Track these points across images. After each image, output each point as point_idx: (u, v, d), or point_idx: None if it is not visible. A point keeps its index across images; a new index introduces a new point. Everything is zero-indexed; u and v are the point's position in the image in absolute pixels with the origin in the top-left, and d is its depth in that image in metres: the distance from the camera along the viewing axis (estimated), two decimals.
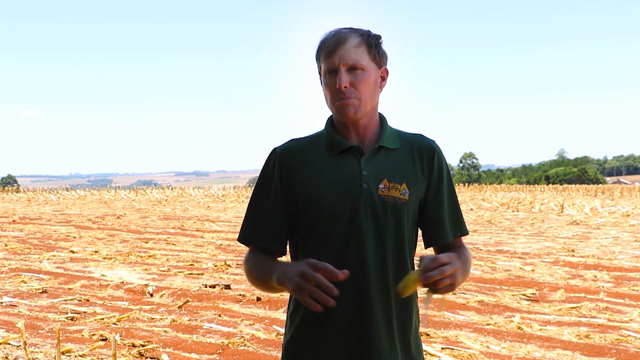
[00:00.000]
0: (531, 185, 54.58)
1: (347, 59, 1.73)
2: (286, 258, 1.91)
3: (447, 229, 1.88)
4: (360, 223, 1.75)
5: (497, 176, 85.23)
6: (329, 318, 1.75)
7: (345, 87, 1.73)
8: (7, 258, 10.26)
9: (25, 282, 8.14)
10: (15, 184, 64.95)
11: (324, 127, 1.87)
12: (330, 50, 1.75)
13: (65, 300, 7.09)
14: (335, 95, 1.75)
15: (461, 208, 1.96)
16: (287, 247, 1.88)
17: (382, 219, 1.76)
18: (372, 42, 1.77)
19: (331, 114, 1.87)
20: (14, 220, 17.55)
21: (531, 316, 6.33)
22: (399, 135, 1.86)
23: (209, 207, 24.63)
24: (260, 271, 1.79)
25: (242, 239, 1.89)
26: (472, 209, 21.99)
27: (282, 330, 5.69)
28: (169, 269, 9.15)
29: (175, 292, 7.41)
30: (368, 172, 1.78)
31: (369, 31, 1.79)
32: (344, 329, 1.75)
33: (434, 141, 1.88)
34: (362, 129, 1.81)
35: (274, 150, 1.85)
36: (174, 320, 6.14)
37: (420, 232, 1.92)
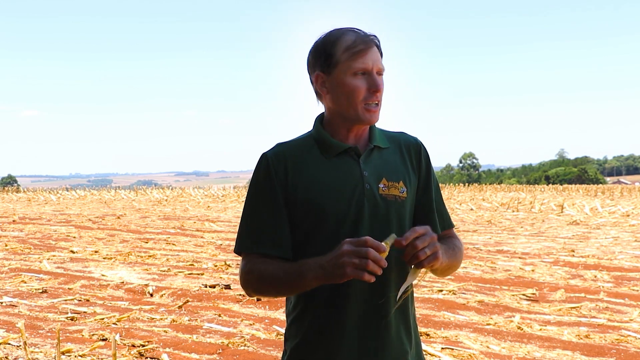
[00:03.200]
0: (531, 185, 54.59)
1: (378, 64, 1.76)
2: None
3: (437, 221, 1.89)
4: (365, 224, 1.74)
5: (497, 176, 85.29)
6: (341, 320, 1.74)
7: (380, 91, 1.76)
8: (7, 258, 10.27)
9: (25, 282, 8.14)
10: (15, 184, 65.01)
11: (312, 129, 1.85)
12: (362, 50, 1.73)
13: (65, 300, 7.09)
14: (366, 97, 1.75)
15: (461, 208, 1.97)
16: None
17: (385, 218, 1.77)
18: (381, 48, 1.81)
19: (319, 114, 1.85)
20: (14, 220, 17.56)
21: (531, 316, 6.33)
22: (385, 134, 1.88)
23: (209, 207, 24.63)
24: (281, 274, 1.69)
25: (245, 248, 1.78)
26: (472, 209, 21.96)
27: (282, 330, 5.69)
28: (169, 269, 9.15)
29: (175, 292, 7.41)
30: (368, 172, 1.78)
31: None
32: (357, 328, 1.75)
33: (417, 137, 1.92)
34: (361, 131, 1.82)
35: (265, 155, 1.80)
36: (174, 320, 6.14)
37: None
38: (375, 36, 1.79)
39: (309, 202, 1.74)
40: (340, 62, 1.74)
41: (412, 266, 1.65)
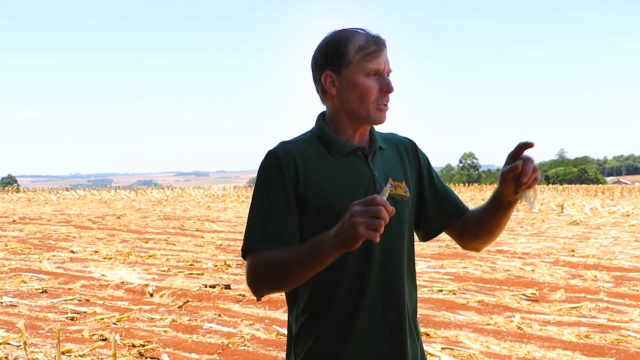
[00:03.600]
0: None
1: (388, 65, 1.77)
2: None
3: (455, 205, 1.90)
4: None
5: (497, 176, 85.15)
6: (355, 322, 1.73)
7: (392, 92, 1.77)
8: (7, 258, 10.27)
9: (25, 282, 8.14)
10: (15, 184, 64.99)
11: (314, 127, 1.83)
12: (375, 51, 1.74)
13: (65, 300, 7.09)
14: (379, 98, 1.75)
15: None
16: None
17: (395, 217, 1.76)
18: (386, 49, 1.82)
19: (321, 112, 1.84)
20: (14, 220, 17.56)
21: (531, 316, 6.33)
22: (380, 136, 1.88)
23: (209, 207, 24.63)
24: (294, 256, 1.61)
25: (253, 245, 1.69)
26: None
27: (283, 330, 5.69)
28: (169, 269, 9.15)
29: (175, 292, 7.41)
30: (377, 172, 1.78)
31: None
32: (371, 330, 1.74)
33: (408, 137, 1.94)
34: (365, 131, 1.82)
35: (274, 152, 1.74)
36: (174, 320, 6.14)
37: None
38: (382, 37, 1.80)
39: (322, 202, 1.71)
40: (353, 62, 1.73)
41: (519, 190, 1.77)
